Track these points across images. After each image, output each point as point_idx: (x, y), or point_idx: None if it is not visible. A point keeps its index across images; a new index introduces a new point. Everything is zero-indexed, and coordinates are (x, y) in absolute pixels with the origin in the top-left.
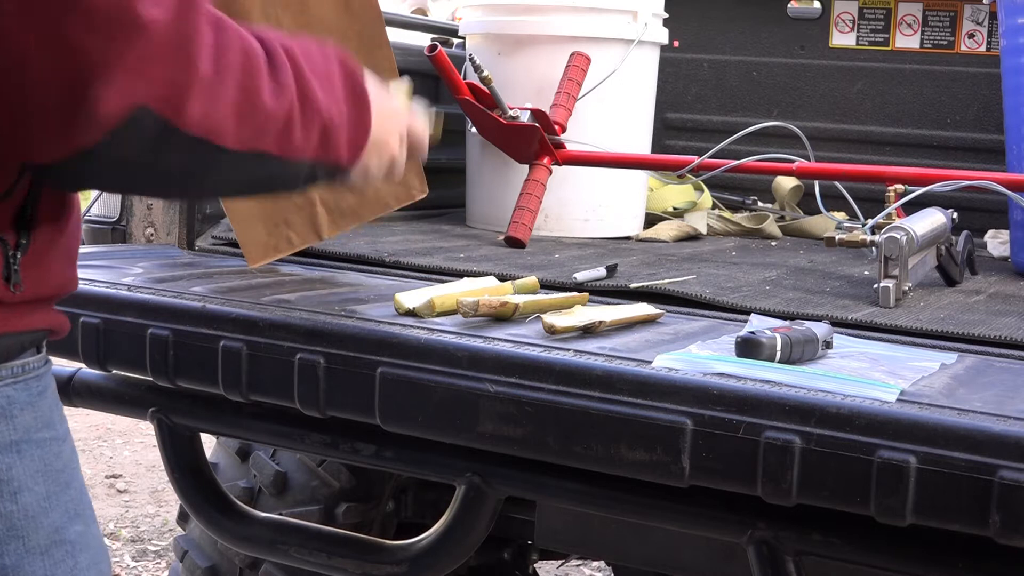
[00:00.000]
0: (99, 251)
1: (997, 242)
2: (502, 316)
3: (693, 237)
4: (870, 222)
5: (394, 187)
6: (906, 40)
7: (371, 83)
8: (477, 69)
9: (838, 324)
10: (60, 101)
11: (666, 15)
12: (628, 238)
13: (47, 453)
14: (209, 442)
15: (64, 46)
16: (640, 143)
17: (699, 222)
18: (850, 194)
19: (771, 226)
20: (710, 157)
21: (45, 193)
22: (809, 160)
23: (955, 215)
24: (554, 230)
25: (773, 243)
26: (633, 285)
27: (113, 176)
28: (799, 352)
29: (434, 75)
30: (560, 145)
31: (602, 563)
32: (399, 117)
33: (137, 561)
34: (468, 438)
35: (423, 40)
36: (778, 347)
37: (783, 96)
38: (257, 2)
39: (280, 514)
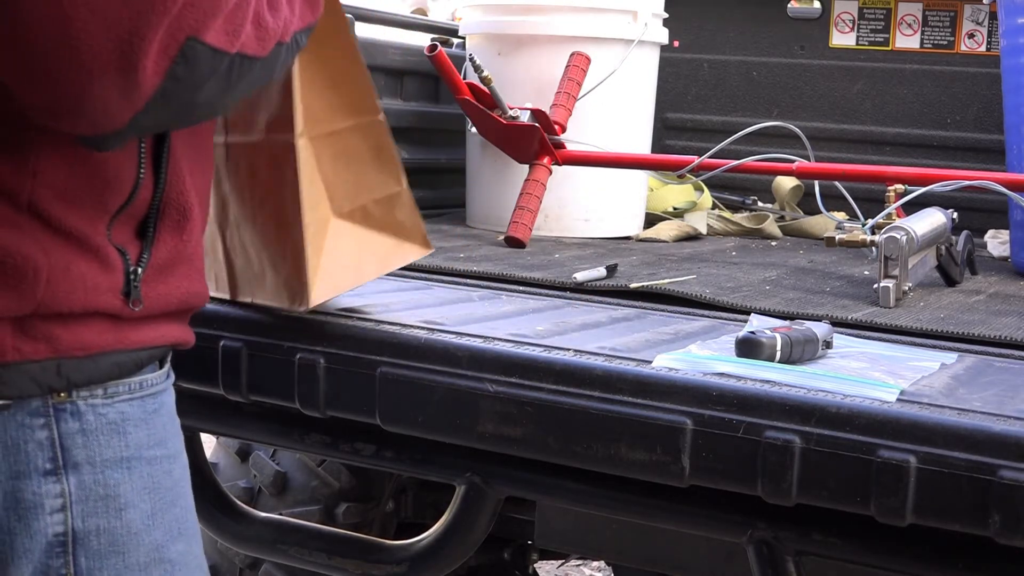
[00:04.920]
0: None
1: (997, 242)
2: None
3: (693, 237)
4: (870, 222)
5: (396, 245)
6: (906, 40)
7: None
8: (477, 69)
9: (838, 324)
10: (115, 60)
11: (666, 15)
12: (628, 238)
13: (156, 471)
14: (209, 442)
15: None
16: (640, 143)
17: (699, 222)
18: (850, 194)
19: (771, 226)
20: (710, 157)
21: (168, 204)
22: (809, 160)
23: (955, 215)
24: (554, 230)
25: (773, 243)
26: (633, 285)
27: (162, 121)
28: (799, 352)
29: (434, 75)
30: (560, 145)
31: (602, 563)
32: None
33: None
34: (468, 438)
35: (423, 40)
36: (778, 347)
37: (783, 96)
38: None
39: (280, 514)
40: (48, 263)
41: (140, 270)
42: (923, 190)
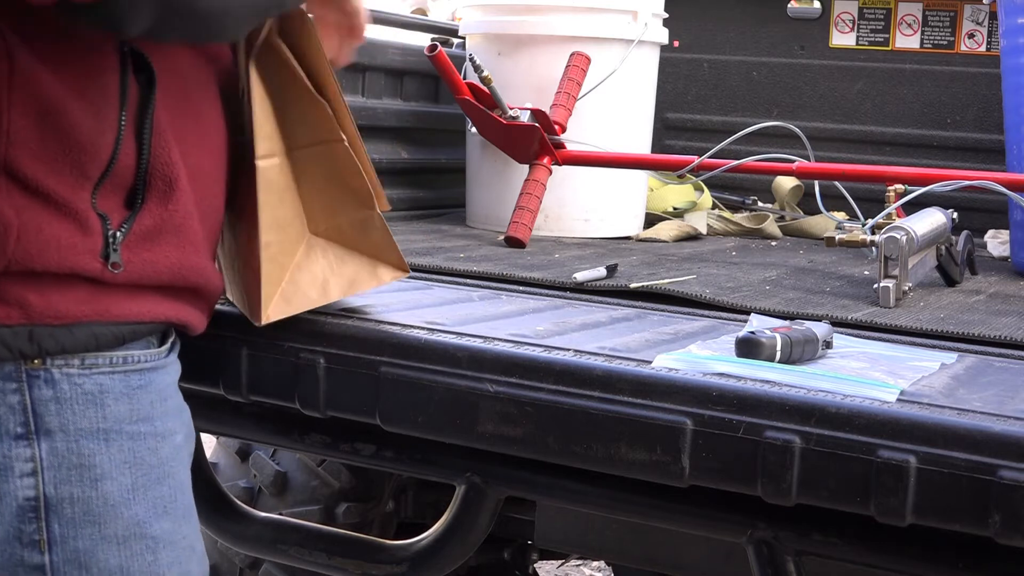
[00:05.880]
0: None
1: (997, 242)
2: None
3: (693, 237)
4: (870, 222)
5: (368, 267)
6: (906, 40)
7: None
8: (477, 69)
9: (838, 324)
10: None
11: (666, 15)
12: (628, 238)
13: (139, 446)
14: (209, 442)
15: None
16: (640, 143)
17: (699, 222)
18: (850, 194)
19: (771, 226)
20: (710, 157)
21: (153, 175)
22: (809, 160)
23: (955, 215)
24: (554, 230)
25: (773, 243)
26: (633, 285)
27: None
28: (799, 352)
29: (434, 75)
30: (560, 145)
31: (602, 563)
32: None
33: None
34: (468, 438)
35: (423, 40)
36: (778, 347)
37: (783, 96)
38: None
39: (280, 514)
40: (19, 221)
41: (119, 234)
42: (923, 190)
